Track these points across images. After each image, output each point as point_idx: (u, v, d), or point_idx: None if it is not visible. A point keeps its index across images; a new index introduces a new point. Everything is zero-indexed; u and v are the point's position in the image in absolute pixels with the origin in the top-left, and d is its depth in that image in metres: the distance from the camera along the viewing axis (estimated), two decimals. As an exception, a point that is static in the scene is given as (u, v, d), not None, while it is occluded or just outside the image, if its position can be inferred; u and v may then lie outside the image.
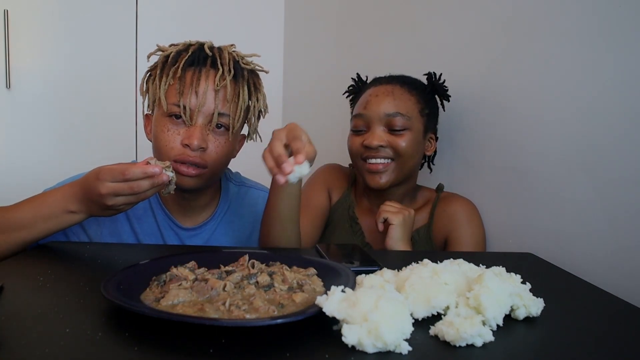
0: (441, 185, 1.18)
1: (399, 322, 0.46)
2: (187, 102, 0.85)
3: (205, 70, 0.87)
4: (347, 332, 0.45)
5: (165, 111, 0.86)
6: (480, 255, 0.95)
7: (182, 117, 0.85)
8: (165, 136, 0.86)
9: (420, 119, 1.08)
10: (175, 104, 0.85)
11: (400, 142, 1.05)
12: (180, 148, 0.85)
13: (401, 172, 1.08)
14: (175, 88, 0.86)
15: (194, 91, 0.85)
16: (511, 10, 1.07)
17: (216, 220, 0.99)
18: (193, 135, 0.84)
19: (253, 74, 0.94)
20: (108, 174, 0.72)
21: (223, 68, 0.87)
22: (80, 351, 0.43)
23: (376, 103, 1.07)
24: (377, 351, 0.45)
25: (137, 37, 1.87)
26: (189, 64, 0.87)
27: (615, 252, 0.81)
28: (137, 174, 0.71)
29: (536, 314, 0.55)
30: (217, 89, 0.86)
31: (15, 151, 1.76)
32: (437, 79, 1.15)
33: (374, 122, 1.07)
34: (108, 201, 0.73)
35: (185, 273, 0.60)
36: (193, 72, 0.86)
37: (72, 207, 0.78)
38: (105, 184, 0.72)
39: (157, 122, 0.88)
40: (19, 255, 0.76)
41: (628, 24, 0.80)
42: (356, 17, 1.69)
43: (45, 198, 0.80)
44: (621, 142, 0.81)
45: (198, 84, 0.85)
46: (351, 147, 1.12)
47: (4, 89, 1.71)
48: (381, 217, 1.01)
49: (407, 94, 1.08)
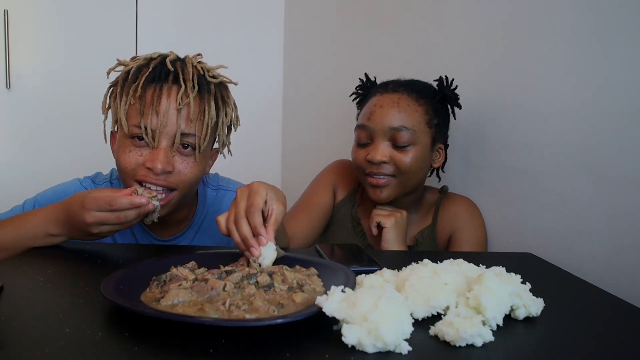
0: (445, 187, 1.16)
1: (399, 322, 0.46)
2: (147, 123, 0.79)
3: (167, 87, 0.81)
4: (347, 332, 0.45)
5: (127, 132, 0.81)
6: (480, 255, 0.95)
7: (145, 138, 0.79)
8: (127, 158, 0.81)
9: (427, 132, 1.04)
10: (136, 125, 0.80)
11: (403, 159, 1.01)
12: (144, 170, 0.80)
13: (404, 187, 1.04)
14: (136, 108, 0.80)
15: (154, 111, 0.79)
16: (511, 11, 1.07)
17: (194, 228, 0.96)
18: (156, 159, 0.79)
19: (221, 86, 0.88)
20: (93, 203, 0.71)
21: (186, 84, 0.81)
22: (80, 351, 0.43)
23: (380, 115, 1.02)
24: (377, 351, 0.45)
25: (137, 37, 1.87)
26: (150, 81, 0.81)
27: (615, 252, 0.81)
28: (124, 204, 0.71)
29: (536, 314, 0.55)
30: (180, 108, 0.80)
31: (15, 151, 1.76)
32: (448, 84, 1.09)
33: (377, 135, 1.02)
34: (93, 230, 0.73)
35: (185, 273, 0.60)
36: (154, 90, 0.81)
37: (53, 230, 0.77)
38: (91, 213, 0.71)
39: (119, 143, 0.83)
40: (19, 255, 0.76)
41: (628, 24, 0.80)
42: (356, 17, 1.69)
43: (27, 220, 0.79)
44: (621, 142, 0.81)
45: (159, 102, 0.80)
46: (355, 161, 1.08)
47: (4, 89, 1.71)
48: (374, 221, 1.03)
49: (414, 105, 1.03)
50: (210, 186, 1.01)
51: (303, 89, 1.98)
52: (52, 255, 0.76)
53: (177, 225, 0.95)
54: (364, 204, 1.18)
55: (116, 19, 1.86)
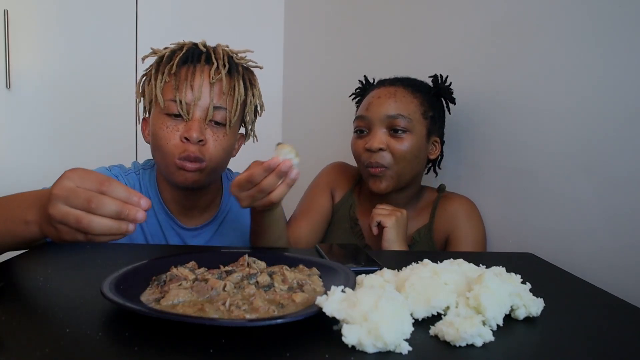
0: (443, 186, 1.17)
1: (399, 322, 0.46)
2: (183, 97, 0.85)
3: (199, 66, 0.87)
4: (347, 332, 0.45)
5: (162, 108, 0.86)
6: (480, 255, 0.95)
7: (180, 111, 0.85)
8: (165, 133, 0.86)
9: (423, 122, 1.07)
10: (171, 100, 0.85)
11: (399, 147, 1.04)
12: (181, 144, 0.85)
13: (400, 177, 1.06)
14: (171, 85, 0.86)
15: (190, 85, 0.85)
16: (512, 11, 1.07)
17: (218, 220, 0.99)
18: (192, 128, 0.84)
19: (247, 70, 0.94)
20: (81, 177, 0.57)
21: (217, 62, 0.87)
22: (80, 351, 0.43)
23: (378, 104, 1.06)
24: (377, 351, 0.45)
25: (137, 37, 1.87)
26: (184, 61, 0.88)
27: (615, 252, 0.81)
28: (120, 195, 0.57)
29: (536, 314, 0.55)
30: (213, 82, 0.86)
31: (15, 151, 1.76)
32: (442, 81, 1.14)
33: (375, 123, 1.06)
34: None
35: (185, 273, 0.60)
36: (187, 68, 0.87)
37: (29, 216, 0.63)
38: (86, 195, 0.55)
39: (155, 120, 0.88)
40: (19, 255, 0.76)
41: (628, 23, 0.80)
42: (356, 17, 1.69)
43: (15, 199, 0.68)
44: (621, 142, 0.81)
45: (193, 78, 0.86)
46: (354, 151, 1.11)
47: (4, 89, 1.71)
48: (374, 220, 1.03)
49: (410, 96, 1.07)
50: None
51: (303, 89, 1.98)
52: (52, 255, 0.76)
53: (201, 213, 0.98)
54: (362, 204, 1.19)
55: (116, 19, 1.86)
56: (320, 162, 1.31)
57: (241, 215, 1.01)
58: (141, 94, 0.92)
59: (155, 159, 0.92)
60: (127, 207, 0.55)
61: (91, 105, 1.84)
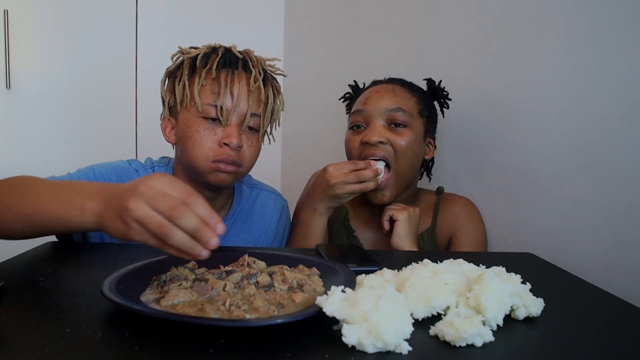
0: (441, 188, 1.16)
1: (399, 322, 0.46)
2: (222, 103, 0.86)
3: (237, 72, 0.89)
4: (347, 332, 0.45)
5: (200, 112, 0.87)
6: (480, 255, 0.95)
7: (219, 117, 0.87)
8: (202, 136, 0.87)
9: (420, 120, 1.05)
10: (210, 105, 0.87)
11: (399, 141, 1.01)
12: (218, 148, 0.87)
13: (399, 175, 1.02)
14: (209, 89, 0.87)
15: (230, 92, 0.87)
16: (509, 11, 1.07)
17: (229, 220, 1.00)
18: (232, 135, 0.86)
19: (273, 77, 0.96)
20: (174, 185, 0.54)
21: (255, 70, 0.89)
22: (80, 351, 0.43)
23: (377, 98, 1.04)
24: (377, 351, 0.45)
25: (137, 37, 1.87)
26: (222, 66, 0.89)
27: (615, 252, 0.81)
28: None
29: (536, 314, 0.55)
30: (252, 90, 0.88)
31: (15, 151, 1.76)
32: (437, 85, 1.12)
33: (374, 117, 1.02)
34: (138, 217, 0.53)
35: (185, 273, 0.60)
36: (227, 74, 0.88)
37: (88, 205, 0.60)
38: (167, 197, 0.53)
39: (189, 122, 0.88)
40: (19, 255, 0.76)
41: (627, 23, 0.80)
42: (356, 18, 1.69)
43: (73, 185, 0.68)
44: (621, 142, 0.81)
45: (233, 85, 0.87)
46: (349, 146, 1.06)
47: (4, 89, 1.71)
48: (386, 215, 0.99)
49: (407, 93, 1.06)
50: (246, 183, 1.06)
51: (303, 89, 1.98)
52: (52, 255, 0.77)
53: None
54: (357, 213, 1.15)
55: (116, 19, 1.86)
56: (320, 162, 1.31)
57: (250, 216, 1.02)
58: (169, 93, 0.92)
59: (184, 159, 0.91)
60: (205, 227, 0.52)
61: (91, 105, 1.84)
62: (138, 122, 1.88)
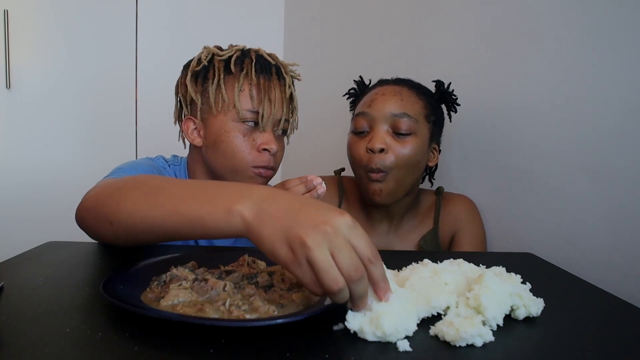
0: (441, 189, 1.15)
1: (402, 316, 0.47)
2: (262, 109, 0.88)
3: (273, 79, 0.91)
4: (351, 318, 0.47)
5: (240, 117, 0.88)
6: (480, 255, 0.95)
7: (259, 122, 0.89)
8: (242, 142, 0.89)
9: (426, 125, 1.02)
10: (250, 111, 0.89)
11: (402, 149, 0.99)
12: (257, 153, 0.89)
13: (401, 184, 1.01)
14: (248, 94, 0.89)
15: (268, 98, 0.89)
16: (510, 12, 1.07)
17: None
18: (271, 141, 0.90)
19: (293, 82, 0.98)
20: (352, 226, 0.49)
21: (288, 77, 0.92)
22: (80, 351, 0.43)
23: (382, 101, 1.01)
24: (377, 340, 0.46)
25: (137, 37, 1.87)
26: (259, 72, 0.90)
27: (615, 252, 0.81)
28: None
29: (536, 314, 0.55)
30: (287, 97, 0.92)
31: (15, 151, 1.76)
32: (446, 87, 1.10)
33: (378, 122, 1.00)
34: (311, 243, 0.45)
35: (185, 273, 0.60)
36: (264, 80, 0.90)
37: (239, 205, 0.51)
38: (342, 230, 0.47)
39: (226, 127, 0.89)
40: (19, 255, 0.76)
41: (627, 23, 0.80)
42: (356, 17, 1.69)
43: (210, 187, 0.57)
44: (621, 142, 0.81)
45: (270, 91, 0.89)
46: (353, 153, 1.03)
47: (4, 89, 1.71)
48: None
49: (414, 97, 1.03)
50: None
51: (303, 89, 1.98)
52: (52, 255, 0.76)
53: None
54: (352, 215, 1.14)
55: (116, 19, 1.86)
56: (320, 163, 1.31)
57: None
58: (198, 94, 0.90)
59: (216, 163, 0.91)
60: (364, 300, 0.48)
61: (91, 105, 1.84)
62: (138, 122, 1.88)
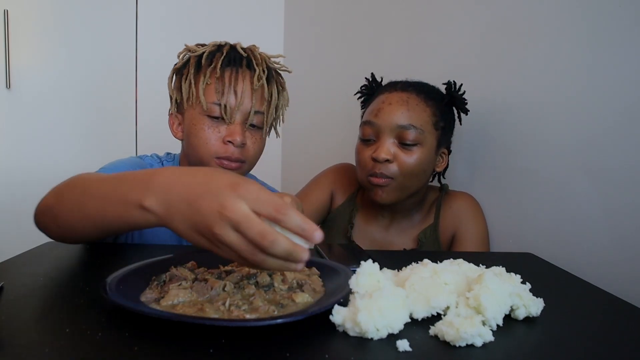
0: (445, 186, 1.16)
1: (387, 314, 0.47)
2: (226, 102, 0.88)
3: (241, 71, 0.90)
4: (336, 312, 0.49)
5: (205, 110, 0.89)
6: (480, 255, 0.95)
7: (223, 116, 0.88)
8: (206, 134, 0.89)
9: (434, 133, 1.03)
10: (214, 103, 0.88)
11: (407, 160, 1.00)
12: (222, 145, 0.89)
13: (403, 190, 1.03)
14: (214, 87, 0.89)
15: (233, 90, 0.88)
16: (513, 12, 1.07)
17: None
18: (235, 133, 0.88)
19: (278, 74, 0.97)
20: (254, 195, 0.48)
21: (259, 68, 0.90)
22: (80, 351, 0.43)
23: (389, 112, 1.01)
24: (357, 336, 0.47)
25: (137, 37, 1.87)
26: (226, 64, 0.90)
27: (615, 252, 0.81)
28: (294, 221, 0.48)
29: (536, 314, 0.55)
30: (255, 89, 0.90)
31: (15, 151, 1.76)
32: (456, 89, 1.09)
33: (384, 132, 1.01)
34: (217, 229, 0.47)
35: (185, 273, 0.60)
36: (231, 72, 0.89)
37: (147, 202, 0.53)
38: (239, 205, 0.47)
39: (194, 120, 0.90)
40: (19, 255, 0.76)
41: (627, 23, 0.80)
42: (356, 17, 1.69)
43: (127, 178, 0.58)
44: (621, 142, 0.81)
45: (236, 83, 0.89)
46: (360, 160, 1.06)
47: (4, 89, 1.71)
48: None
49: (422, 105, 1.02)
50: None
51: (303, 89, 1.98)
52: (52, 255, 0.76)
53: None
54: (364, 208, 1.16)
55: (116, 19, 1.86)
56: (320, 162, 1.31)
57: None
58: (176, 90, 0.93)
59: (190, 155, 0.93)
60: (297, 249, 0.48)
61: (91, 104, 1.84)
62: (138, 121, 1.88)
